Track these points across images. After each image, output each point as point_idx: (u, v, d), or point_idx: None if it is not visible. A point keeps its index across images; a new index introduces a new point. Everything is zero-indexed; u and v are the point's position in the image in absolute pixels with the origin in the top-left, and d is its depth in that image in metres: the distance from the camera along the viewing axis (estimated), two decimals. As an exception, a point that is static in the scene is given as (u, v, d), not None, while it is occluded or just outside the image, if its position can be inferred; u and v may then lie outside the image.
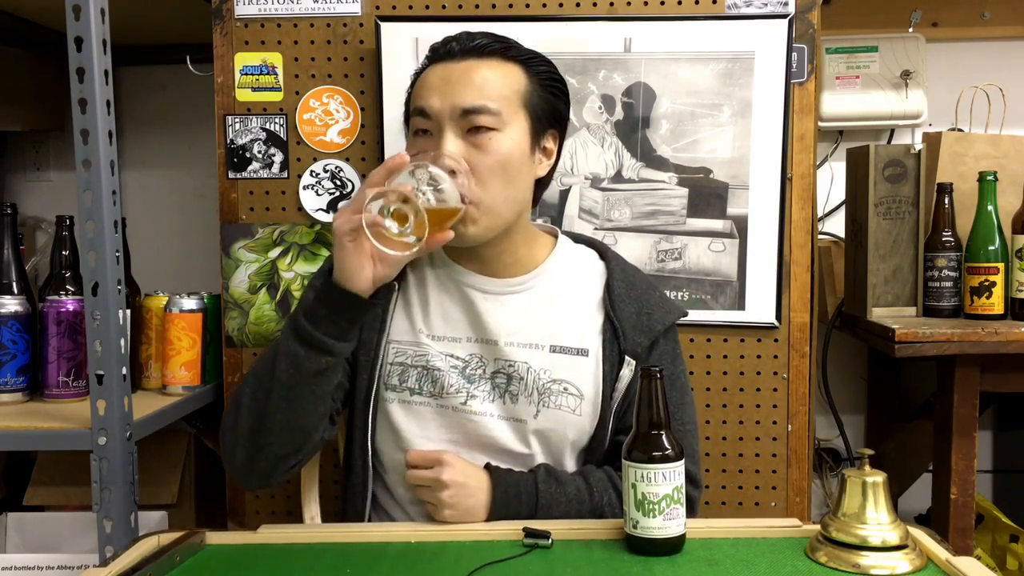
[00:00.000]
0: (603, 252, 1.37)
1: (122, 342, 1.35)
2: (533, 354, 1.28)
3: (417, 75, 1.29)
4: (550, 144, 1.30)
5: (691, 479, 1.24)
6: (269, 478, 1.24)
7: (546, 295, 1.31)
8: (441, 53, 1.25)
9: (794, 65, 1.64)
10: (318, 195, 1.69)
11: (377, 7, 1.67)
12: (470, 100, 1.20)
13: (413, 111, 1.25)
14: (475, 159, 1.20)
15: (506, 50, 1.25)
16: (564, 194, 1.67)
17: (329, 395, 1.21)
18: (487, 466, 1.25)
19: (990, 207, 1.83)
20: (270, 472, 1.22)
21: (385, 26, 1.66)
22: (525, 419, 1.27)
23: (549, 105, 1.28)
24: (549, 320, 1.30)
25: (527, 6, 1.66)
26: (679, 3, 1.65)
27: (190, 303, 1.66)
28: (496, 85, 1.23)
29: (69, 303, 1.57)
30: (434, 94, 1.22)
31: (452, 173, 1.15)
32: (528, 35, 1.33)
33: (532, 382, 1.28)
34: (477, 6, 1.66)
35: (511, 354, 1.28)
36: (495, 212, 1.22)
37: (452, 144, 1.19)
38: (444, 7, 1.66)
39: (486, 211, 1.21)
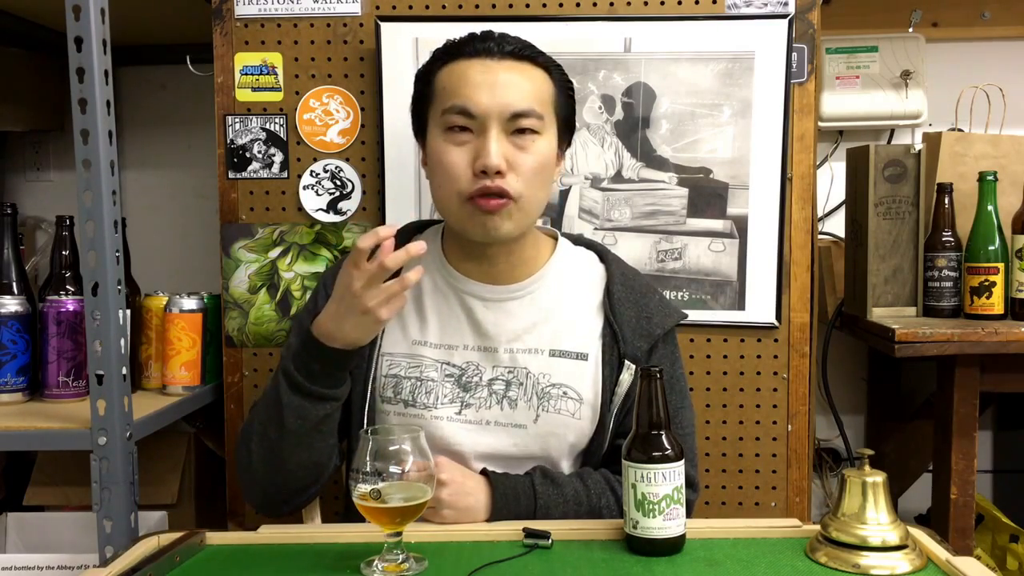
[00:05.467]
0: (603, 255, 1.38)
1: (122, 342, 1.35)
2: (533, 359, 1.28)
3: (426, 71, 1.27)
4: (564, 150, 1.32)
5: (689, 483, 1.24)
6: (292, 508, 1.31)
7: (546, 300, 1.31)
8: (478, 49, 1.23)
9: (794, 65, 1.64)
10: (318, 195, 1.69)
11: (377, 7, 1.67)
12: (522, 103, 1.21)
13: (450, 108, 1.21)
14: (518, 159, 1.21)
15: (537, 56, 1.26)
16: (564, 194, 1.67)
17: (336, 428, 1.26)
18: (483, 471, 1.25)
19: (990, 207, 1.83)
20: (291, 503, 1.29)
21: (385, 26, 1.66)
22: (524, 424, 1.27)
23: (571, 113, 1.31)
24: (549, 325, 1.30)
25: (527, 6, 1.65)
26: (679, 3, 1.65)
27: (190, 303, 1.66)
28: (539, 89, 1.24)
29: (69, 303, 1.56)
30: (481, 93, 1.20)
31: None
32: (528, 35, 1.32)
33: (531, 387, 1.27)
34: (477, 6, 1.66)
35: (510, 360, 1.28)
36: (528, 211, 1.24)
37: (496, 145, 1.19)
38: (444, 7, 1.66)
39: (522, 208, 1.22)
